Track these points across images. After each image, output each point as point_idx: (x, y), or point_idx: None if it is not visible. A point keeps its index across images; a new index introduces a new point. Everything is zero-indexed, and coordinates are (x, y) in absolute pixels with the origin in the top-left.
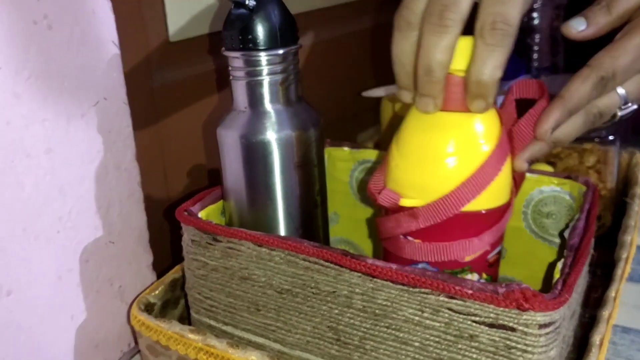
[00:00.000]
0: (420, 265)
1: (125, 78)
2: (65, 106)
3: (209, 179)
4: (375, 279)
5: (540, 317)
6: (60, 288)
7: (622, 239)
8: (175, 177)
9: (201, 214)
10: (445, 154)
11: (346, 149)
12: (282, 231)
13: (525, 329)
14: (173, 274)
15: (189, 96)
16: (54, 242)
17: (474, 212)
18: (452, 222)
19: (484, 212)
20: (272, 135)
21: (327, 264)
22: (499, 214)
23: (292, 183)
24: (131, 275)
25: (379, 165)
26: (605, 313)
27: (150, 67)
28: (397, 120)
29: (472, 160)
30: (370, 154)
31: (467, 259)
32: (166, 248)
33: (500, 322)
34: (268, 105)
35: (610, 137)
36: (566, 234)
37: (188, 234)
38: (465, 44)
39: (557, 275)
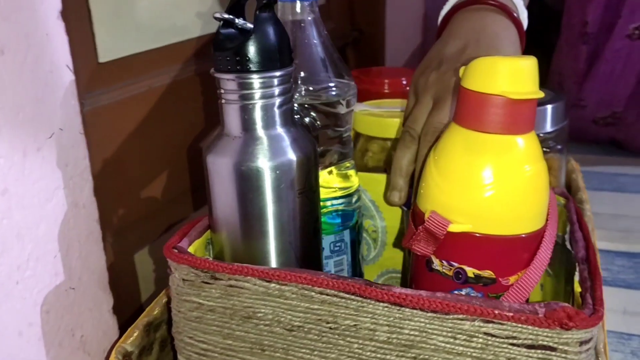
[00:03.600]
0: (464, 291)
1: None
2: (20, 140)
3: (146, 209)
4: (403, 308)
5: (582, 334)
6: (21, 344)
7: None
8: (116, 208)
9: (190, 250)
10: (498, 177)
11: None
12: (281, 263)
13: (566, 347)
14: (146, 316)
15: (123, 119)
16: (13, 295)
17: (515, 237)
18: (499, 247)
19: (524, 236)
20: (272, 162)
21: (348, 295)
22: (539, 236)
23: (294, 211)
24: (93, 323)
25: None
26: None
27: (80, 92)
28: (358, 140)
29: (521, 183)
30: None
31: (512, 280)
32: (128, 289)
33: (540, 342)
34: (266, 129)
35: (559, 147)
36: (567, 245)
37: (179, 273)
38: (508, 66)
39: (577, 288)
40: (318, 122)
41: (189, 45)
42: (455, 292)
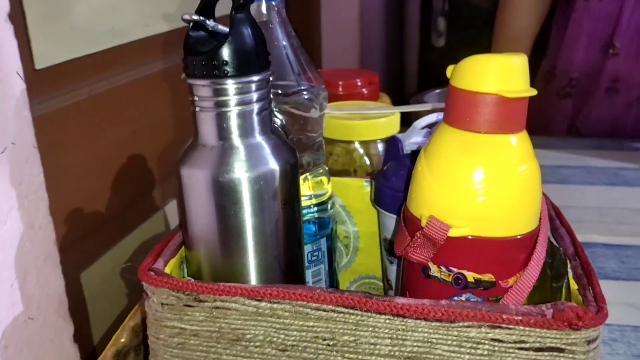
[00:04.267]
0: (464, 297)
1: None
2: None
3: (93, 223)
4: (406, 319)
5: (589, 333)
6: None
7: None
8: (75, 225)
9: (166, 270)
10: (494, 178)
11: None
12: (267, 279)
13: (574, 348)
14: (114, 345)
15: (63, 129)
16: None
17: (514, 238)
18: (499, 249)
19: (520, 236)
20: (253, 172)
21: (346, 310)
22: (534, 235)
23: (278, 223)
24: (54, 354)
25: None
26: None
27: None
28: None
29: (518, 183)
30: None
31: (511, 282)
32: (78, 312)
33: (549, 344)
34: (244, 138)
35: None
36: (552, 240)
37: (157, 297)
38: (501, 64)
39: (574, 286)
40: (288, 129)
41: (129, 49)
42: (455, 298)
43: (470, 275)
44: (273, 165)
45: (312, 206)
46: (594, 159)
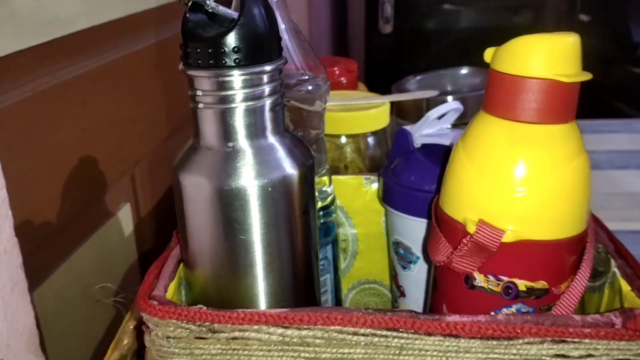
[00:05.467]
0: (514, 307)
1: None
2: None
3: (62, 232)
4: (459, 339)
5: None
6: None
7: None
8: (23, 239)
9: (167, 296)
10: (547, 174)
11: None
12: (283, 300)
13: None
14: None
15: (7, 132)
16: None
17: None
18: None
19: (572, 238)
20: (267, 178)
21: (389, 333)
22: (584, 237)
23: (295, 235)
24: None
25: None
26: None
27: None
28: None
29: (571, 178)
30: None
31: (563, 288)
32: (62, 348)
33: (617, 357)
34: (254, 139)
35: None
36: None
37: (162, 330)
38: (556, 45)
39: (626, 287)
40: (298, 123)
41: (76, 39)
42: (505, 309)
43: (521, 284)
44: (290, 169)
45: (317, 210)
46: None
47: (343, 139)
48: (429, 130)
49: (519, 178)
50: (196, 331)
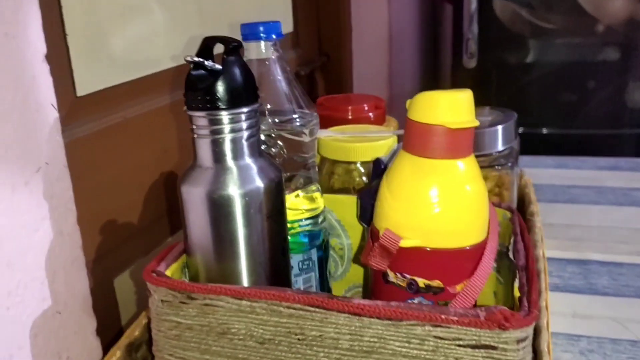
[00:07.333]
0: (416, 300)
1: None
2: (9, 175)
3: (126, 233)
4: (362, 318)
5: (518, 334)
6: None
7: (535, 253)
8: (96, 234)
9: (167, 273)
10: (441, 197)
11: None
12: (252, 281)
13: (505, 346)
14: (127, 338)
15: (101, 149)
16: (4, 320)
17: (459, 249)
18: (445, 258)
19: (467, 248)
20: (241, 189)
21: (313, 309)
22: (482, 247)
23: (262, 234)
24: (78, 345)
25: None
26: (543, 322)
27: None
28: (324, 164)
29: (462, 201)
30: None
31: (459, 288)
32: (110, 311)
33: (483, 342)
34: (233, 160)
35: (509, 164)
36: (511, 255)
37: (158, 295)
38: (447, 99)
39: (517, 293)
40: (284, 150)
41: (161, 77)
42: (409, 301)
43: (421, 281)
44: (258, 183)
45: (303, 219)
46: (606, 179)
47: (354, 165)
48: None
49: (416, 199)
50: (179, 297)
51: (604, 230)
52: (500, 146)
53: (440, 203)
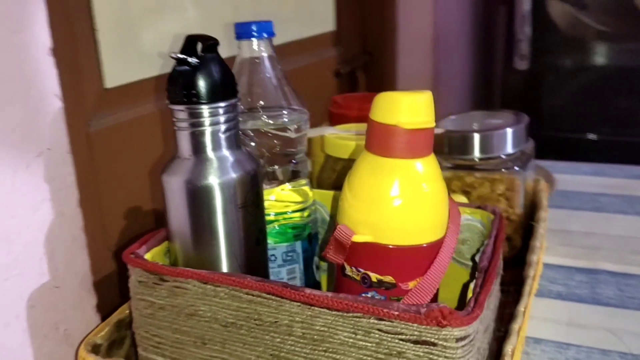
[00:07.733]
0: (370, 294)
1: (68, 128)
2: (10, 158)
3: (152, 221)
4: (313, 307)
5: (457, 332)
6: (8, 335)
7: (529, 258)
8: (116, 221)
9: (147, 256)
10: (394, 195)
11: None
12: (226, 269)
13: (445, 343)
14: (118, 314)
15: (127, 140)
16: (1, 291)
17: (412, 247)
18: (397, 255)
19: (422, 246)
20: (215, 180)
21: (268, 296)
22: (437, 246)
23: (235, 223)
24: (76, 319)
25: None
26: (515, 326)
27: (86, 114)
28: (327, 161)
29: (416, 200)
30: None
31: (411, 285)
32: (111, 290)
33: (424, 338)
34: (211, 152)
35: (516, 168)
36: (477, 257)
37: (135, 275)
38: (411, 101)
39: (470, 294)
40: (277, 145)
41: None
42: (363, 295)
43: (373, 276)
44: (233, 174)
45: (289, 212)
46: (638, 189)
47: (347, 162)
48: None
49: (370, 197)
50: (152, 279)
51: (622, 240)
52: (509, 149)
53: (393, 201)
